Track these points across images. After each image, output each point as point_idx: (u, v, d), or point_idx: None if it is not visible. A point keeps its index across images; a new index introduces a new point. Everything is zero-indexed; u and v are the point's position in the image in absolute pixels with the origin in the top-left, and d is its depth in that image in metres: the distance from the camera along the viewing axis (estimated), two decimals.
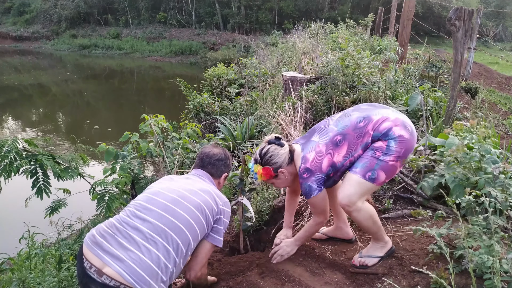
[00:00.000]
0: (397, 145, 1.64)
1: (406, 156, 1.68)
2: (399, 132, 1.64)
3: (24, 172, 1.95)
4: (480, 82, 6.29)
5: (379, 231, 1.81)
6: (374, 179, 1.66)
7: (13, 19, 30.40)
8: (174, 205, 1.53)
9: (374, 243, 1.86)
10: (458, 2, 20.14)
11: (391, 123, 1.66)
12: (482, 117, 3.87)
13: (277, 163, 1.81)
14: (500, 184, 1.82)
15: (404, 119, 1.71)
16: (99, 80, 16.54)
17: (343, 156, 1.71)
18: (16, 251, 2.75)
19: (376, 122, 1.68)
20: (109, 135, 8.23)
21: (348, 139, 1.70)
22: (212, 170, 1.84)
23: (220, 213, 1.68)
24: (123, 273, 1.31)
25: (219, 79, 7.54)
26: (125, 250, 1.37)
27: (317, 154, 1.73)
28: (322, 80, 4.38)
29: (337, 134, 1.72)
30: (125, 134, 2.92)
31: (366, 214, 1.72)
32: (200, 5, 27.18)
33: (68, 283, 2.22)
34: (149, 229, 1.43)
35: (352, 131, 1.70)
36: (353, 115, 1.75)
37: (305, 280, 1.82)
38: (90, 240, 1.44)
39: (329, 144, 1.72)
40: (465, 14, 3.07)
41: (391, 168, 1.67)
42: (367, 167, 1.66)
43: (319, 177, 1.73)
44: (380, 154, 1.65)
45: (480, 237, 1.51)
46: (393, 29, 8.68)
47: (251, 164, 1.90)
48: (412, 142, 1.68)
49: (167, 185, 1.66)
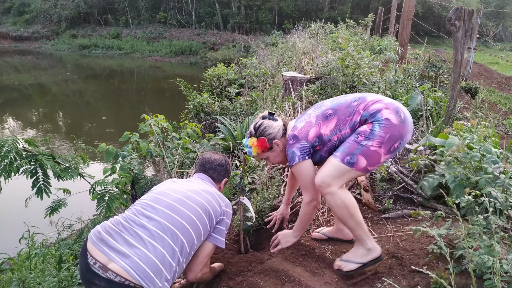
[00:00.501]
0: (382, 130, 1.58)
1: (392, 143, 1.60)
2: (387, 115, 1.59)
3: (24, 172, 1.95)
4: (480, 82, 6.29)
5: (358, 229, 1.70)
6: (352, 163, 1.62)
7: (13, 19, 30.43)
8: (179, 205, 1.56)
9: (357, 247, 1.75)
10: (458, 2, 20.14)
11: (383, 105, 1.63)
12: (482, 117, 3.87)
13: (271, 133, 1.83)
14: (501, 184, 1.82)
15: (400, 106, 1.66)
16: (99, 80, 16.54)
17: (331, 130, 1.70)
18: (16, 251, 2.75)
19: (369, 102, 1.67)
20: (109, 135, 8.23)
21: (338, 114, 1.70)
22: (214, 175, 1.90)
23: (223, 214, 1.71)
24: (128, 269, 1.32)
25: (219, 79, 7.54)
26: (130, 246, 1.39)
27: (307, 123, 1.75)
28: (322, 80, 4.39)
29: (329, 108, 1.73)
30: (125, 134, 2.93)
31: (339, 202, 1.65)
32: (200, 5, 27.20)
33: (68, 283, 2.22)
34: (155, 227, 1.46)
35: (344, 108, 1.70)
36: (350, 95, 1.78)
37: (305, 280, 1.82)
38: (95, 236, 1.45)
39: (320, 116, 1.73)
40: (465, 14, 3.07)
41: (372, 153, 1.60)
42: (347, 151, 1.63)
43: (304, 144, 1.72)
44: (362, 139, 1.61)
45: (480, 237, 1.51)
46: (393, 29, 8.68)
47: (245, 140, 1.90)
48: (400, 129, 1.60)
49: (171, 186, 1.69)
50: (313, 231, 2.23)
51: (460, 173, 2.04)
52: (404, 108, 1.67)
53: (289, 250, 2.10)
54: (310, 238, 2.17)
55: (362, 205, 2.42)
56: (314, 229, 2.26)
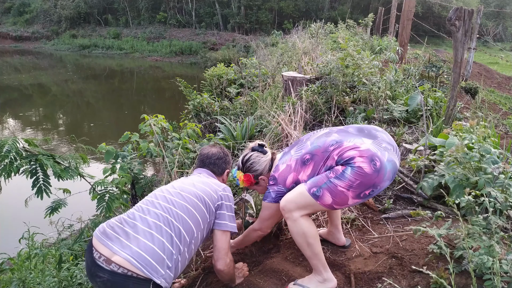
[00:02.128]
0: (352, 175, 1.54)
1: (362, 190, 1.56)
2: (360, 164, 1.54)
3: (24, 172, 1.95)
4: (480, 82, 6.29)
5: (314, 258, 1.70)
6: (317, 196, 1.61)
7: (13, 19, 30.43)
8: (175, 197, 1.65)
9: (313, 275, 1.76)
10: (458, 2, 20.14)
11: (357, 152, 1.56)
12: (482, 117, 3.87)
13: (258, 170, 1.88)
14: (500, 184, 1.82)
15: (377, 152, 1.56)
16: (99, 80, 16.55)
17: (308, 175, 1.69)
18: (16, 251, 2.75)
19: (344, 149, 1.61)
20: (109, 135, 8.23)
21: (315, 159, 1.68)
22: (214, 169, 1.94)
23: (220, 198, 1.74)
24: (131, 259, 1.38)
25: (219, 79, 7.54)
26: (131, 238, 1.45)
27: (287, 167, 1.75)
28: (322, 80, 4.39)
29: (307, 153, 1.71)
30: (125, 134, 2.93)
31: (299, 229, 1.65)
32: (200, 5, 27.21)
33: (68, 283, 2.22)
34: (153, 218, 1.53)
35: (321, 153, 1.67)
36: (331, 136, 1.72)
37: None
38: (99, 232, 1.51)
39: (299, 160, 1.73)
40: (465, 14, 3.07)
41: (339, 193, 1.57)
42: (316, 183, 1.62)
43: (280, 189, 1.76)
44: (332, 176, 1.59)
45: (480, 237, 1.51)
46: (393, 29, 8.68)
47: (234, 170, 1.97)
48: (374, 178, 1.54)
49: (169, 185, 1.78)
50: None
51: (460, 173, 2.04)
52: (384, 154, 1.58)
53: (289, 250, 2.11)
54: None
55: (362, 205, 2.42)
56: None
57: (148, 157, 3.11)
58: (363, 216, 2.30)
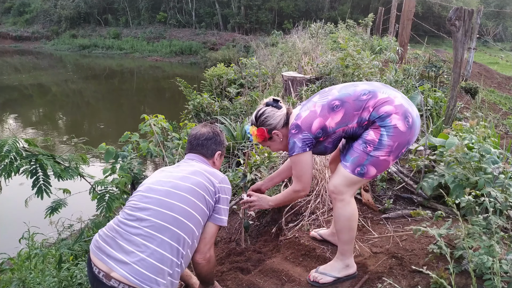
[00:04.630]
0: (390, 139, 1.55)
1: (400, 150, 1.60)
2: (395, 122, 1.54)
3: (24, 172, 1.95)
4: (480, 82, 6.29)
5: (349, 243, 1.73)
6: (363, 173, 1.61)
7: (13, 19, 30.40)
8: (168, 198, 1.51)
9: (336, 261, 1.79)
10: (458, 2, 20.14)
11: (393, 108, 1.56)
12: (482, 117, 3.87)
13: (272, 124, 1.77)
14: (500, 184, 1.82)
15: (409, 107, 1.59)
16: (99, 80, 16.54)
17: (336, 123, 1.63)
18: (16, 251, 2.75)
19: (379, 101, 1.59)
20: (109, 135, 8.23)
21: (346, 107, 1.62)
22: (203, 151, 1.79)
23: (218, 191, 1.63)
24: (128, 276, 1.34)
25: (219, 79, 7.54)
26: (127, 253, 1.39)
27: (311, 113, 1.67)
28: (322, 80, 4.39)
29: (336, 99, 1.65)
30: (125, 134, 2.92)
31: (349, 212, 1.66)
32: (200, 5, 27.19)
33: (68, 283, 2.22)
34: (147, 228, 1.43)
35: (353, 101, 1.62)
36: (360, 86, 1.68)
37: (305, 280, 1.82)
38: (94, 245, 1.46)
39: (326, 106, 1.65)
40: (465, 14, 3.07)
41: (382, 162, 1.60)
42: (357, 162, 1.61)
43: (306, 136, 1.66)
44: (371, 149, 1.58)
45: (480, 237, 1.51)
46: (393, 29, 8.68)
47: (247, 126, 1.87)
48: (408, 136, 1.57)
49: (157, 179, 1.62)
50: (312, 230, 2.23)
51: (460, 174, 2.04)
52: (413, 109, 1.61)
53: (289, 250, 2.11)
54: (310, 238, 2.17)
55: (362, 205, 2.42)
56: (314, 228, 2.26)
57: (148, 157, 3.10)
58: (363, 216, 2.30)
